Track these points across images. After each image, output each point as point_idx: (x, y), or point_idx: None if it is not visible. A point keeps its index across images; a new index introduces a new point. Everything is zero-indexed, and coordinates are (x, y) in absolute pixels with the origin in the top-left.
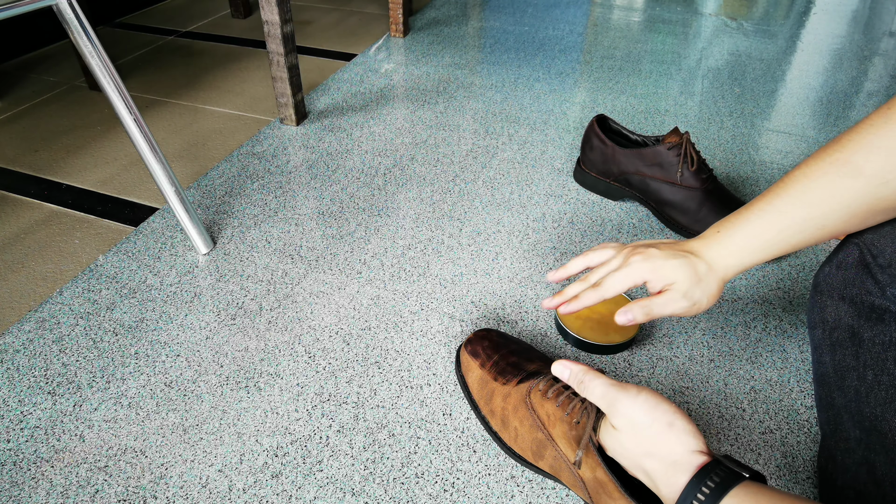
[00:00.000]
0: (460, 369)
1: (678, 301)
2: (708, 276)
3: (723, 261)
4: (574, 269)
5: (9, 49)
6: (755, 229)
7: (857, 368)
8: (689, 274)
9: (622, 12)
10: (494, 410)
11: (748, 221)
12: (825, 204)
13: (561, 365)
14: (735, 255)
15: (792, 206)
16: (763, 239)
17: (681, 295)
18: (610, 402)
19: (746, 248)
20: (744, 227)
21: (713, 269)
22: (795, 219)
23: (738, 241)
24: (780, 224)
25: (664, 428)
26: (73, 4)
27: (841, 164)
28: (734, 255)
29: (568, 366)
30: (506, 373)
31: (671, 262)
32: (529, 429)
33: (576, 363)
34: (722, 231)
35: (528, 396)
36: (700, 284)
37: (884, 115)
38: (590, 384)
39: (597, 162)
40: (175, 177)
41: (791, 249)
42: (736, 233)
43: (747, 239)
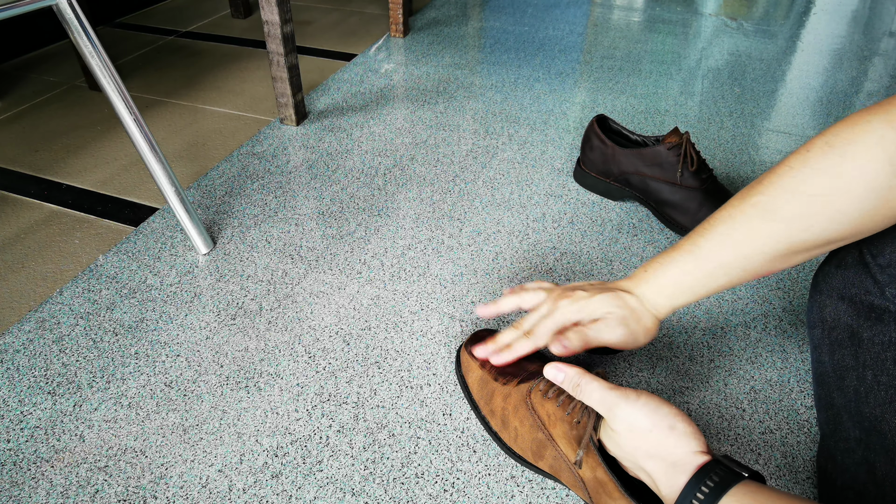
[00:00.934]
0: (460, 369)
1: (615, 328)
2: (640, 310)
3: (653, 299)
4: (505, 308)
5: (9, 49)
6: (681, 271)
7: (856, 368)
8: (619, 304)
9: (622, 12)
10: (494, 410)
11: (674, 262)
12: (747, 247)
13: (554, 368)
14: (664, 295)
15: (716, 249)
16: (690, 280)
17: (616, 322)
18: (609, 406)
19: (674, 289)
20: (670, 268)
21: (644, 306)
22: (720, 261)
23: (666, 282)
24: (705, 266)
25: (665, 431)
26: (73, 4)
27: (762, 209)
28: (663, 295)
29: (562, 369)
30: (506, 373)
31: (598, 297)
32: (529, 429)
33: (570, 366)
34: (649, 271)
35: (529, 396)
36: (634, 315)
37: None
38: (586, 388)
39: (597, 162)
40: (175, 177)
41: (719, 290)
42: (663, 274)
43: (674, 280)
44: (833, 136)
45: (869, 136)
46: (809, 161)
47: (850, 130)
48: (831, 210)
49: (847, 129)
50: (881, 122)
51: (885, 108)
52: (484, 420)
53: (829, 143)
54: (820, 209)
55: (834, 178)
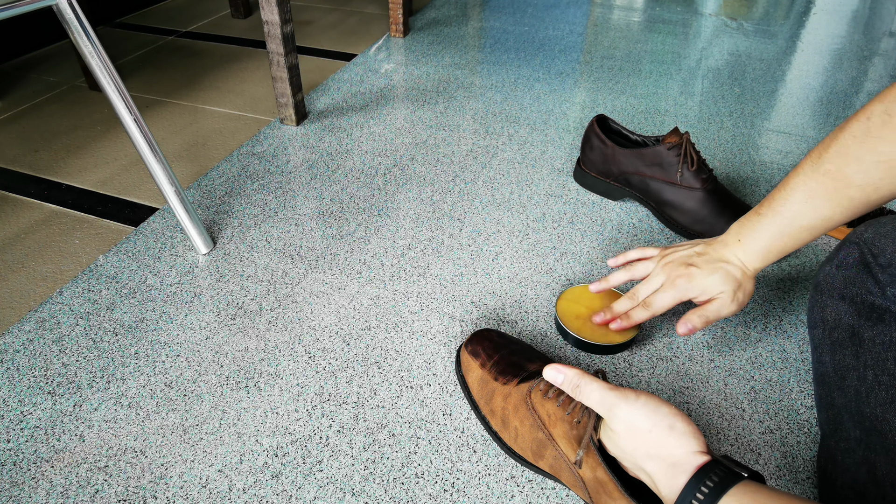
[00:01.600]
0: (460, 369)
1: (728, 306)
2: (744, 279)
3: (751, 264)
4: (616, 283)
5: (9, 49)
6: (771, 236)
7: (857, 368)
8: (730, 283)
9: (622, 12)
10: (495, 410)
11: (763, 230)
12: (828, 209)
13: (554, 370)
14: (759, 258)
15: (799, 214)
16: (780, 243)
17: (729, 300)
18: (608, 407)
19: (767, 251)
20: (760, 235)
21: (745, 272)
22: (805, 223)
23: (759, 247)
24: (791, 229)
25: (665, 432)
26: (73, 4)
27: (834, 177)
28: (758, 258)
29: (561, 370)
30: (506, 373)
31: (713, 277)
32: (530, 428)
33: (569, 367)
34: (742, 239)
35: (529, 396)
36: (741, 287)
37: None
38: (586, 389)
39: (597, 162)
40: (175, 177)
41: (805, 244)
42: (755, 241)
43: (766, 244)
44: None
45: None
46: (871, 130)
47: None
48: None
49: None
50: None
51: None
52: (484, 420)
53: (888, 111)
54: (887, 172)
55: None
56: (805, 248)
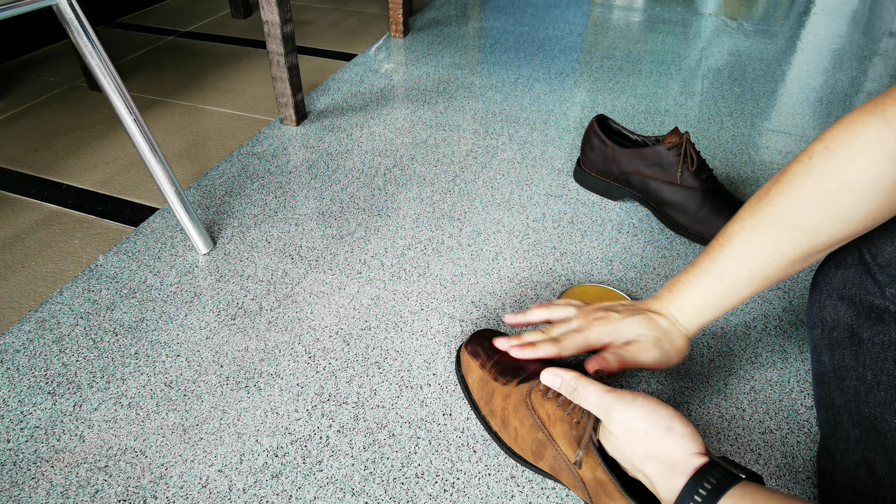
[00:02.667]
0: (460, 369)
1: (649, 350)
2: (672, 330)
3: (682, 318)
4: (534, 319)
5: (9, 49)
6: (706, 289)
7: (856, 368)
8: (651, 326)
9: (622, 12)
10: (494, 410)
11: (698, 281)
12: (767, 257)
13: (551, 373)
14: (692, 314)
15: (735, 264)
16: (715, 297)
17: (651, 343)
18: (606, 409)
19: (701, 306)
20: (695, 287)
21: (675, 325)
22: (741, 275)
23: (692, 301)
24: (727, 281)
25: (662, 433)
26: (73, 4)
27: (774, 219)
28: (691, 314)
29: (558, 374)
30: (506, 373)
31: (631, 319)
32: (530, 429)
33: (566, 370)
34: (674, 291)
35: (529, 397)
36: (667, 337)
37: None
38: (583, 392)
39: (597, 162)
40: (175, 177)
41: (743, 301)
42: (688, 293)
43: (700, 298)
44: (831, 140)
45: (867, 137)
46: (813, 168)
47: (848, 132)
48: (840, 213)
49: (844, 132)
50: (877, 120)
51: (879, 106)
52: (484, 420)
53: (829, 147)
54: (830, 213)
55: (839, 183)
56: None
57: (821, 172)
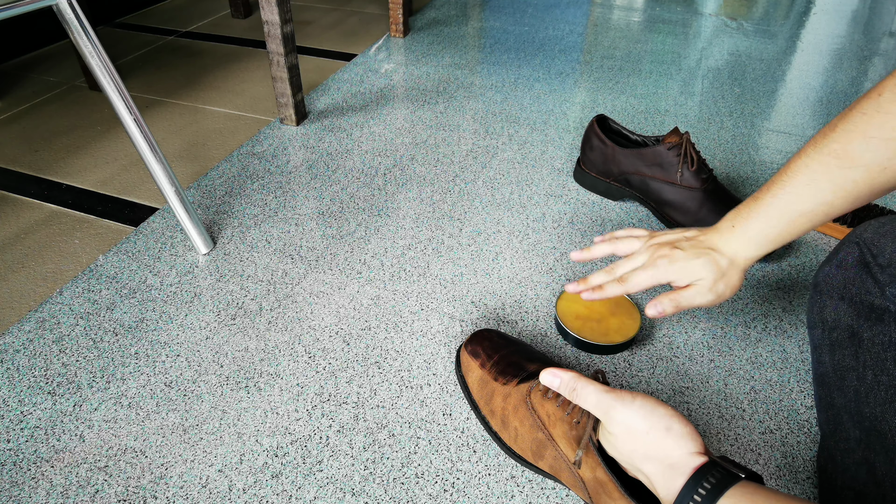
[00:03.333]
0: (460, 369)
1: (705, 295)
2: (730, 269)
3: (742, 253)
4: (599, 254)
5: (9, 49)
6: (767, 222)
7: (856, 368)
8: (712, 270)
9: (622, 12)
10: (494, 410)
11: (759, 215)
12: (830, 193)
13: (550, 374)
14: (751, 247)
15: (799, 198)
16: (775, 231)
17: (707, 289)
18: (605, 409)
19: (761, 239)
20: (756, 221)
21: (734, 263)
22: (804, 210)
23: (752, 235)
24: (789, 215)
25: (662, 433)
26: (73, 4)
27: (839, 156)
28: (751, 247)
29: (558, 374)
30: (506, 373)
31: (695, 262)
32: (529, 429)
33: (565, 371)
34: (736, 226)
35: (529, 397)
36: (723, 279)
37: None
38: (582, 392)
39: (597, 162)
40: (175, 177)
41: (802, 234)
42: (750, 227)
43: (760, 233)
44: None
45: None
46: (882, 106)
47: None
48: None
49: None
50: None
51: None
52: (484, 420)
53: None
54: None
55: None
56: (805, 247)
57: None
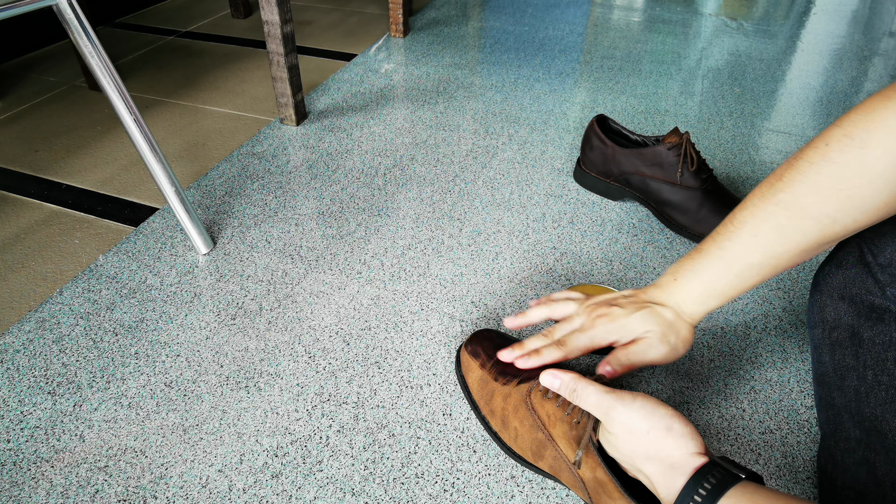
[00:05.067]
0: (460, 369)
1: (656, 346)
2: (676, 321)
3: (686, 307)
4: (535, 319)
5: (9, 49)
6: (712, 276)
7: (857, 368)
8: (657, 321)
9: (622, 12)
10: (494, 410)
11: (703, 268)
12: (777, 246)
13: (550, 375)
14: (696, 302)
15: (744, 252)
16: (721, 284)
17: (657, 340)
18: (605, 410)
19: (705, 295)
20: (700, 274)
21: (679, 316)
22: (750, 263)
23: (697, 289)
24: (735, 269)
25: (662, 433)
26: (73, 4)
27: (787, 207)
28: (695, 302)
29: (558, 375)
30: (506, 373)
31: (635, 316)
32: (529, 429)
33: (565, 371)
34: (679, 279)
35: (529, 397)
36: (671, 329)
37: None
38: (582, 393)
39: (597, 162)
40: (175, 177)
41: (749, 288)
42: (693, 280)
43: (705, 286)
44: (850, 126)
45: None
46: (829, 155)
47: (867, 119)
48: (857, 202)
49: (863, 118)
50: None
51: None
52: (484, 420)
53: (847, 133)
54: (846, 202)
55: (857, 170)
56: None
57: (838, 159)
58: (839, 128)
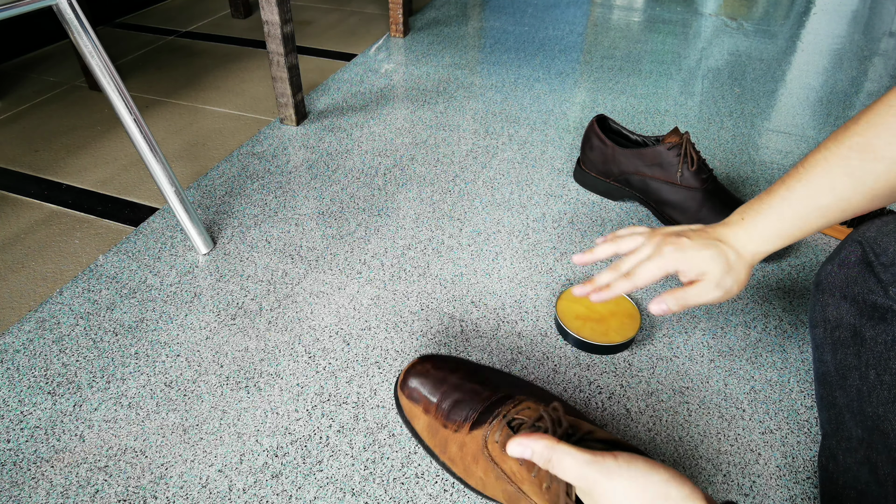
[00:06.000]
0: (405, 416)
1: (711, 291)
2: (737, 263)
3: (750, 247)
4: (602, 255)
5: (9, 49)
6: (779, 217)
7: (859, 368)
8: (720, 263)
9: (622, 12)
10: (454, 459)
11: (772, 209)
12: (848, 189)
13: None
14: (761, 241)
15: (815, 193)
16: (788, 224)
17: (714, 285)
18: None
19: (771, 234)
20: (768, 215)
21: (741, 256)
22: (819, 204)
23: (763, 229)
24: (803, 210)
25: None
26: (73, 4)
27: (861, 149)
28: (760, 241)
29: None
30: (453, 415)
31: (703, 252)
32: (496, 480)
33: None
34: (746, 218)
35: (486, 448)
36: (730, 273)
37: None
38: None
39: (597, 162)
40: (175, 177)
41: (815, 231)
42: (760, 220)
43: (772, 226)
44: None
45: None
46: None
47: None
48: None
49: None
50: None
51: None
52: (445, 466)
53: None
54: None
55: None
56: (805, 247)
57: None
58: None
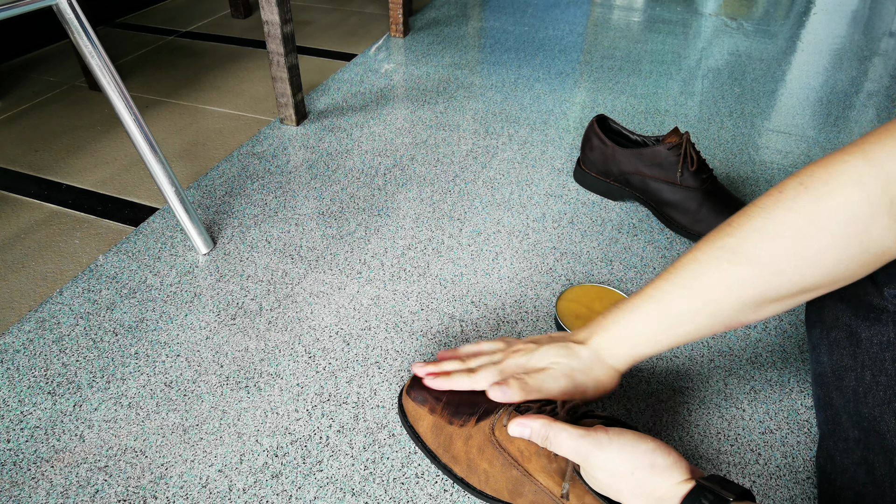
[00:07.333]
0: (407, 420)
1: (558, 379)
2: (592, 361)
3: (610, 349)
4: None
5: (9, 49)
6: (643, 318)
7: (855, 368)
8: (567, 355)
9: (622, 12)
10: (457, 456)
11: (636, 309)
12: (715, 292)
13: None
14: (624, 345)
15: (680, 295)
16: (653, 328)
17: (560, 374)
18: (583, 455)
19: (635, 338)
20: (631, 316)
21: (599, 358)
22: (685, 307)
23: (626, 331)
24: (669, 312)
25: (646, 472)
26: (73, 4)
27: (730, 251)
28: (623, 345)
29: (526, 423)
30: (460, 413)
31: (546, 348)
32: (502, 468)
33: (534, 418)
34: (608, 318)
35: (493, 434)
36: (583, 367)
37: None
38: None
39: (597, 162)
40: (175, 177)
41: (685, 340)
42: (623, 321)
43: (635, 328)
44: (808, 176)
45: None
46: (782, 201)
47: (826, 170)
48: (805, 254)
49: (822, 169)
50: (858, 160)
51: (861, 146)
52: (446, 468)
53: (803, 183)
54: (793, 252)
55: (808, 219)
56: None
57: (790, 207)
58: (796, 178)
